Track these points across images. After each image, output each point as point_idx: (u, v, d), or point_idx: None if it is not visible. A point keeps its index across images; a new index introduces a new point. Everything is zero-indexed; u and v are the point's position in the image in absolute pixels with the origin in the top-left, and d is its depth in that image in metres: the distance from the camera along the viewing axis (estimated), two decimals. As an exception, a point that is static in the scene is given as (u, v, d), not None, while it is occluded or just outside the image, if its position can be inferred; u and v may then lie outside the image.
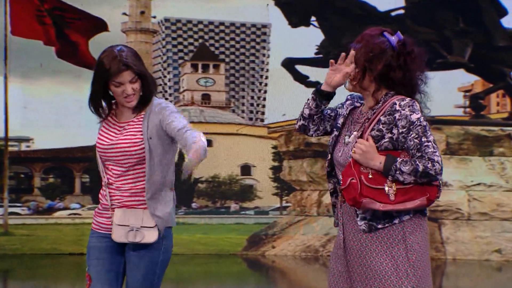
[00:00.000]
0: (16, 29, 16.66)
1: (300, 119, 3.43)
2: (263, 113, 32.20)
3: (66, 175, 24.46)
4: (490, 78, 18.26)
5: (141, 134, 3.61)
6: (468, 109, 18.75)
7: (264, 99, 32.67)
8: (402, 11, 17.70)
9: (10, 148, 19.39)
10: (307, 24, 17.51)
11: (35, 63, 19.91)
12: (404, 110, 3.15)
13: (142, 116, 3.64)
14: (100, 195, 3.73)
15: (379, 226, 3.18)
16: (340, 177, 3.25)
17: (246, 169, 24.86)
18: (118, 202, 3.64)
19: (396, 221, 3.17)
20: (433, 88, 3.40)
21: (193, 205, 23.62)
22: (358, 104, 3.35)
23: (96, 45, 16.19)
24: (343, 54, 3.29)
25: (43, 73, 21.70)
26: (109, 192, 3.65)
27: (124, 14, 23.96)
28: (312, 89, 3.33)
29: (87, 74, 14.33)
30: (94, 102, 3.66)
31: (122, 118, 3.69)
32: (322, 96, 3.35)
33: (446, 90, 17.43)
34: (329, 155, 3.35)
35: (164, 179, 3.65)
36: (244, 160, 24.60)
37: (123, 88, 3.57)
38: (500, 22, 17.05)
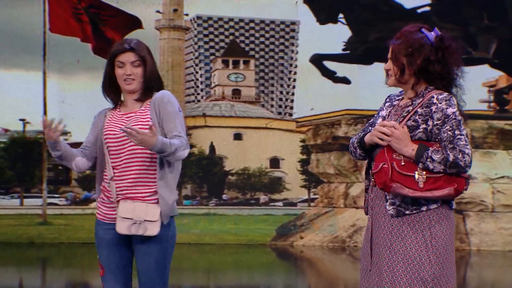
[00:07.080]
0: (54, 26, 16.78)
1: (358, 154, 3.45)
2: (291, 108, 32.42)
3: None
4: (514, 74, 18.33)
5: (150, 120, 3.63)
6: (492, 104, 18.82)
7: (293, 94, 32.88)
8: (428, 8, 17.78)
9: (48, 141, 19.82)
10: (335, 21, 17.57)
11: (72, 59, 20.16)
12: (441, 103, 3.21)
13: (148, 105, 3.69)
14: (102, 187, 3.72)
15: (407, 212, 3.22)
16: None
17: (275, 162, 24.96)
18: (123, 194, 3.62)
19: (424, 208, 3.22)
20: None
21: (224, 196, 23.78)
22: (396, 102, 3.40)
23: (131, 42, 16.53)
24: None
25: (80, 69, 22.02)
26: (115, 185, 3.63)
27: (158, 11, 24.21)
28: (339, 84, 3.55)
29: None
30: (105, 88, 3.75)
31: (127, 110, 3.73)
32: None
33: (470, 85, 17.41)
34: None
35: (168, 164, 3.65)
36: (273, 153, 24.70)
37: (124, 70, 3.66)
38: (524, 18, 17.13)
